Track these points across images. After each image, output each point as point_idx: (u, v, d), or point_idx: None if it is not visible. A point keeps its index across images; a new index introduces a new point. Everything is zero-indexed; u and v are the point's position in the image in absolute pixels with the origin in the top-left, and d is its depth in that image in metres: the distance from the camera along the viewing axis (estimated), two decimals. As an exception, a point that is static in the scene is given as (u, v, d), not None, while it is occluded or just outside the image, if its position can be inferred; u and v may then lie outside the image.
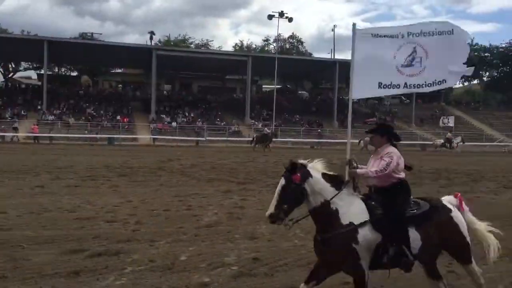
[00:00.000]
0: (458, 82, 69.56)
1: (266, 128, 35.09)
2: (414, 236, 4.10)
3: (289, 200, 3.90)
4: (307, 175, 3.98)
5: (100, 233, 6.82)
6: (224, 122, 44.43)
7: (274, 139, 33.24)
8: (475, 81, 70.79)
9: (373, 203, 4.19)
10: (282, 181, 3.94)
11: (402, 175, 4.36)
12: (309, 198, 3.98)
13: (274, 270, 5.42)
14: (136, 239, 6.54)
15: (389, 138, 4.50)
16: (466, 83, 72.44)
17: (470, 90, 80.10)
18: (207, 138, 37.86)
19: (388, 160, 4.24)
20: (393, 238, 4.05)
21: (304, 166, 4.04)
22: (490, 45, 64.45)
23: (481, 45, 64.92)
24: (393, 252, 4.07)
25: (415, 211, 4.18)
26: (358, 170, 4.36)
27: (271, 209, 3.88)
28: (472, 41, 65.63)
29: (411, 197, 4.35)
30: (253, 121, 45.69)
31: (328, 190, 4.04)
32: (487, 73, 68.08)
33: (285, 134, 42.54)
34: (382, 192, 4.32)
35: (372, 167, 4.40)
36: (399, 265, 4.22)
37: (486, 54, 64.54)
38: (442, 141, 37.36)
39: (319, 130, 44.41)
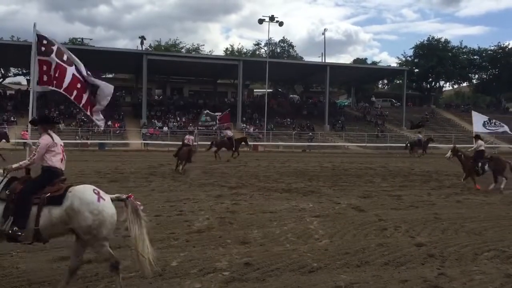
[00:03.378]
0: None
1: (419, 134, 34.87)
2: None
3: None
4: None
5: (90, 239, 6.74)
6: (216, 127, 44.34)
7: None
8: (465, 84, 71.47)
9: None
10: None
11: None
12: None
13: (266, 274, 5.40)
14: (126, 246, 6.47)
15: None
16: (455, 86, 73.13)
17: (459, 93, 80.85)
18: (199, 142, 37.71)
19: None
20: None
21: None
22: (479, 47, 65.17)
23: (470, 48, 65.63)
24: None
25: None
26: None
27: None
28: (461, 43, 66.46)
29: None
30: (244, 125, 45.70)
31: None
32: (476, 76, 68.79)
33: (276, 138, 42.62)
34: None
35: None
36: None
37: (475, 57, 65.21)
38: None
39: (310, 134, 44.52)
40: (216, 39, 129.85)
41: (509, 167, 13.17)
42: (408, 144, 33.75)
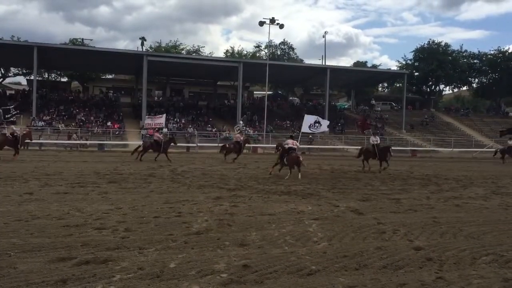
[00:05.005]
0: (447, 88, 69.60)
1: (509, 141, 32.61)
2: None
3: None
4: None
5: (89, 240, 6.75)
6: (215, 128, 44.41)
7: None
8: (465, 88, 71.60)
9: None
10: None
11: None
12: None
13: (264, 277, 5.39)
14: (125, 247, 6.47)
15: None
16: (455, 90, 73.24)
17: (459, 97, 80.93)
18: (198, 144, 37.76)
19: None
20: None
21: None
22: (479, 52, 65.29)
23: (470, 52, 65.76)
24: None
25: None
26: None
27: None
28: (461, 47, 66.53)
29: None
30: (244, 127, 45.70)
31: None
32: (476, 80, 68.89)
33: (276, 140, 42.59)
34: None
35: None
36: None
37: (475, 61, 65.32)
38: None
39: (310, 136, 44.49)
40: (217, 41, 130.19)
41: (299, 161, 16.84)
42: (498, 151, 32.49)
